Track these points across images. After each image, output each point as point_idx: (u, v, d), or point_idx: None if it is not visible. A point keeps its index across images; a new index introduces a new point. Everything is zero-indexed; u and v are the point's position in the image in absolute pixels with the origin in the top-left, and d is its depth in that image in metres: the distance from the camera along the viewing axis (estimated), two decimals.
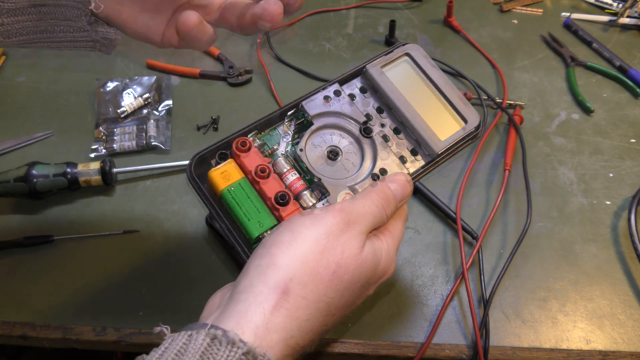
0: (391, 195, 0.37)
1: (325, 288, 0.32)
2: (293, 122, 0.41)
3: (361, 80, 0.43)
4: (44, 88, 0.72)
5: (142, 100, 0.70)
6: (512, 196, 0.62)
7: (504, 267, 0.56)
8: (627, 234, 0.59)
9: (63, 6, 0.39)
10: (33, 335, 0.52)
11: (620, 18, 0.82)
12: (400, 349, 0.51)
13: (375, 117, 0.41)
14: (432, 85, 0.43)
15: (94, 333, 0.52)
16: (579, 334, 0.52)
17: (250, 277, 0.31)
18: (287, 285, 0.31)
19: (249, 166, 0.37)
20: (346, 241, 0.33)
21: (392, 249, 0.37)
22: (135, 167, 0.63)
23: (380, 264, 0.35)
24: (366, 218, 0.35)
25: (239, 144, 0.37)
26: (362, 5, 0.85)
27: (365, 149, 0.40)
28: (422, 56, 0.44)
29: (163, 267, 0.56)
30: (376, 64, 0.43)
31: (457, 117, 0.42)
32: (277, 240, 0.33)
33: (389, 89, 0.42)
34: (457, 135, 0.41)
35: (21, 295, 0.54)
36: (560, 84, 0.75)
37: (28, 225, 0.59)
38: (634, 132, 0.69)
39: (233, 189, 0.37)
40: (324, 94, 0.41)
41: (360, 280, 0.34)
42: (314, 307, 0.31)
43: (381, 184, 0.37)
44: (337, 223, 0.33)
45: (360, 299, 0.35)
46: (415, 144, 0.41)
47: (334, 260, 0.32)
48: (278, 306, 0.30)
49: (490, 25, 0.83)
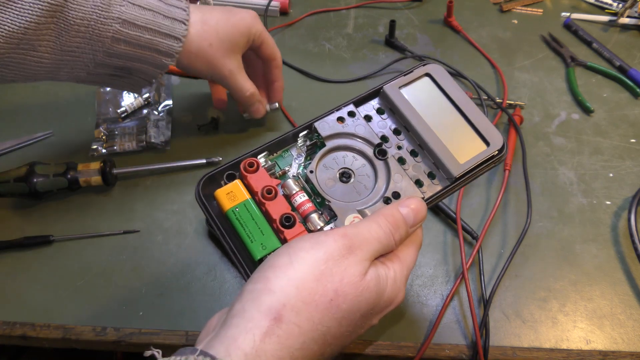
0: (401, 220, 0.35)
1: (321, 316, 0.30)
2: (305, 144, 0.41)
3: (379, 101, 0.42)
4: (44, 88, 0.72)
5: (142, 100, 0.70)
6: (512, 196, 0.62)
7: (504, 267, 0.56)
8: (627, 234, 0.59)
9: (144, 71, 0.52)
10: (33, 335, 0.52)
11: (620, 18, 0.82)
12: (400, 349, 0.51)
13: (392, 139, 0.40)
14: (453, 107, 0.41)
15: (94, 333, 0.52)
16: (579, 334, 0.52)
17: (243, 302, 0.30)
18: (280, 311, 0.29)
19: (256, 187, 0.37)
20: (347, 267, 0.31)
21: (400, 277, 0.35)
22: (135, 167, 0.63)
23: (385, 293, 0.33)
24: (371, 243, 0.33)
25: (246, 165, 0.37)
26: (362, 5, 0.85)
27: (378, 171, 0.39)
28: (443, 76, 0.42)
29: (163, 267, 0.56)
30: (394, 84, 0.41)
31: (479, 139, 0.40)
32: (274, 263, 0.32)
33: (407, 109, 0.40)
34: (477, 158, 0.39)
35: (21, 295, 0.54)
36: (560, 84, 0.75)
37: (28, 225, 0.59)
38: (634, 132, 0.69)
39: (238, 209, 0.37)
40: (338, 115, 0.40)
41: (361, 310, 0.32)
42: (308, 335, 0.30)
43: (391, 207, 0.35)
44: (338, 248, 0.32)
45: (362, 328, 0.34)
46: (433, 167, 0.39)
47: (331, 287, 0.31)
48: (269, 333, 0.29)
49: (490, 25, 0.83)
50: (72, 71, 0.49)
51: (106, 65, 0.49)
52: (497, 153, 0.39)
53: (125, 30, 0.47)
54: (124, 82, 0.53)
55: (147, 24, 0.48)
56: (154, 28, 0.49)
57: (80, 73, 0.49)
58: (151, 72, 0.52)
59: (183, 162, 0.64)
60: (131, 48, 0.48)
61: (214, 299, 0.54)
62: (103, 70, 0.50)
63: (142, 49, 0.49)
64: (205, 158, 0.64)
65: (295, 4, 0.86)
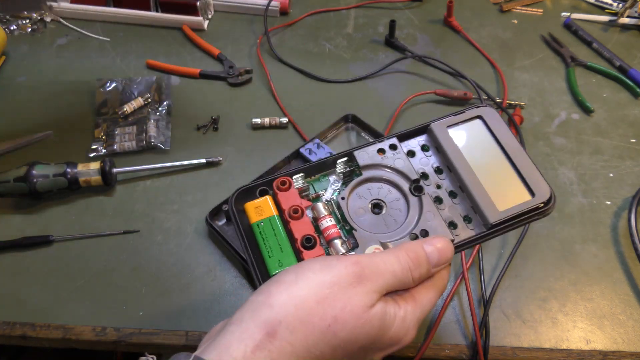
0: (423, 257, 0.33)
1: (316, 340, 0.30)
2: (344, 171, 0.41)
3: (425, 138, 0.41)
4: (44, 88, 0.72)
5: (142, 100, 0.70)
6: None
7: (504, 267, 0.56)
8: (627, 234, 0.59)
9: None
10: (33, 335, 0.52)
11: (620, 18, 0.82)
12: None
13: (432, 177, 0.39)
14: (502, 152, 0.40)
15: (94, 333, 0.52)
16: (579, 334, 0.52)
17: (243, 312, 0.30)
18: (275, 327, 0.29)
19: (284, 205, 0.37)
20: (352, 296, 0.30)
21: (411, 317, 0.33)
22: (135, 167, 0.63)
23: (391, 331, 0.32)
24: (384, 276, 0.32)
25: (279, 183, 0.38)
26: (362, 5, 0.85)
27: (411, 207, 0.38)
28: (495, 120, 0.41)
29: (163, 267, 0.56)
30: (443, 123, 0.40)
31: (524, 188, 0.38)
32: (280, 279, 0.31)
33: (451, 149, 0.39)
34: (519, 207, 0.37)
35: (21, 295, 0.54)
36: (560, 84, 0.75)
37: (28, 225, 0.59)
38: (634, 132, 0.69)
39: (262, 224, 0.37)
40: (379, 147, 0.40)
41: (359, 342, 0.31)
42: (300, 356, 0.29)
43: (415, 243, 0.34)
44: (347, 275, 0.31)
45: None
46: (471, 211, 0.38)
47: (331, 312, 0.30)
48: (261, 346, 0.29)
49: (490, 25, 0.83)
50: None
51: None
52: (543, 205, 0.37)
53: None
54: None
55: None
56: None
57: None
58: None
59: (183, 162, 0.64)
60: None
61: (213, 299, 0.54)
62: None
63: None
64: (205, 158, 0.64)
65: (295, 4, 0.85)
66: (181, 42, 0.79)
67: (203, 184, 0.63)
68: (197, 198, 0.62)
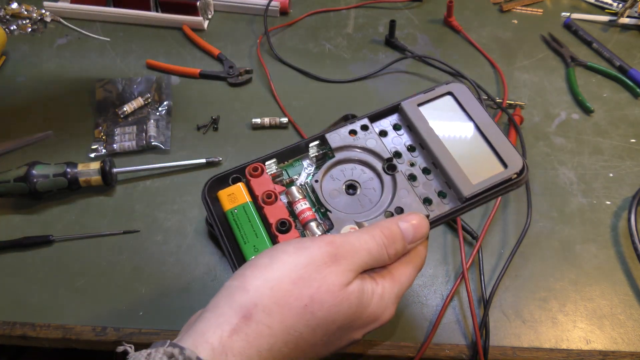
0: (398, 234, 0.34)
1: (294, 321, 0.30)
2: (316, 154, 0.41)
3: (397, 117, 0.41)
4: (44, 88, 0.72)
5: (142, 100, 0.70)
6: (512, 196, 0.62)
7: (504, 267, 0.56)
8: (627, 234, 0.59)
9: None
10: (33, 335, 0.52)
11: (620, 18, 0.82)
12: (400, 349, 0.51)
13: (406, 155, 0.39)
14: (474, 127, 0.40)
15: (94, 333, 0.52)
16: (579, 334, 0.52)
17: (218, 298, 0.31)
18: (250, 310, 0.29)
19: (257, 191, 0.37)
20: (327, 275, 0.30)
21: (390, 294, 0.33)
22: (135, 167, 0.63)
23: (369, 308, 0.32)
24: (359, 254, 0.32)
25: (251, 169, 0.38)
26: (362, 5, 0.85)
27: (385, 186, 0.38)
28: (466, 96, 0.41)
29: (163, 267, 0.56)
30: (413, 101, 0.41)
31: (496, 160, 0.38)
32: (255, 263, 0.31)
33: (422, 126, 0.39)
34: (492, 179, 0.37)
35: (21, 295, 0.54)
36: (560, 84, 0.75)
37: (28, 225, 0.59)
38: (634, 132, 0.69)
39: (236, 211, 0.37)
40: (351, 128, 0.40)
41: (337, 321, 0.31)
42: (279, 338, 0.29)
43: (389, 220, 0.34)
44: (322, 254, 0.31)
45: (340, 340, 0.32)
46: (445, 187, 0.38)
47: (307, 292, 0.30)
48: (237, 330, 0.28)
49: (490, 25, 0.83)
50: None
51: None
52: (516, 176, 0.38)
53: None
54: None
55: None
56: None
57: None
58: None
59: (183, 162, 0.64)
60: None
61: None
62: None
63: None
64: (205, 158, 0.64)
65: (295, 4, 0.85)
66: (181, 42, 0.79)
67: (203, 184, 0.63)
68: (197, 198, 0.62)
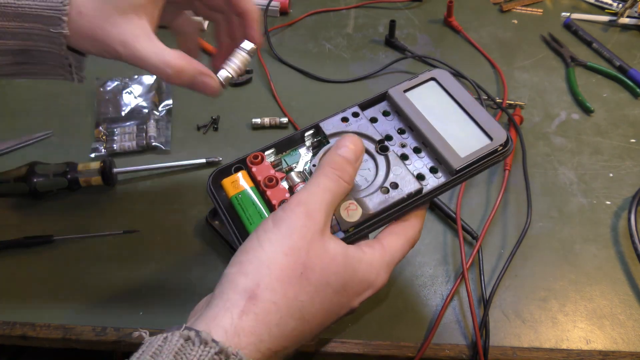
0: (342, 160, 0.35)
1: (295, 291, 0.31)
2: (312, 143, 0.43)
3: (386, 104, 0.44)
4: (44, 88, 0.72)
5: (142, 100, 0.70)
6: (512, 196, 0.62)
7: (504, 267, 0.56)
8: (627, 234, 0.59)
9: (44, 51, 0.39)
10: (33, 335, 0.52)
11: (620, 18, 0.82)
12: (400, 349, 0.51)
13: (396, 138, 0.41)
14: (457, 106, 0.42)
15: (94, 333, 0.52)
16: (579, 334, 0.52)
17: (222, 286, 0.32)
18: (254, 291, 0.31)
19: (259, 176, 0.39)
20: (312, 239, 0.32)
21: (379, 261, 0.35)
22: (135, 167, 0.63)
23: (359, 273, 0.34)
24: (324, 197, 0.34)
25: (252, 157, 0.40)
26: (362, 5, 0.85)
27: (379, 165, 0.40)
28: (448, 80, 0.44)
29: (163, 267, 0.56)
30: (399, 87, 0.43)
31: (482, 134, 0.41)
32: (245, 247, 0.33)
33: (410, 110, 0.42)
34: (479, 152, 0.40)
35: (21, 295, 0.54)
36: (560, 84, 0.75)
37: (28, 225, 0.59)
38: (634, 132, 0.69)
39: (240, 196, 0.39)
40: (342, 116, 0.42)
41: (331, 284, 0.32)
42: (284, 311, 0.31)
43: (329, 154, 0.36)
44: (298, 218, 0.32)
45: (339, 307, 0.34)
46: (436, 163, 0.40)
47: (300, 261, 0.32)
48: (246, 311, 0.30)
49: (490, 25, 0.83)
50: None
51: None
52: (501, 148, 0.40)
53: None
54: (36, 70, 0.41)
55: None
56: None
57: None
58: (52, 52, 0.39)
59: (183, 162, 0.64)
60: (8, 21, 0.37)
61: None
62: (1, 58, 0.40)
63: (21, 19, 0.37)
64: (205, 158, 0.64)
65: (295, 4, 0.85)
66: None
67: (203, 184, 0.63)
68: (197, 198, 0.62)
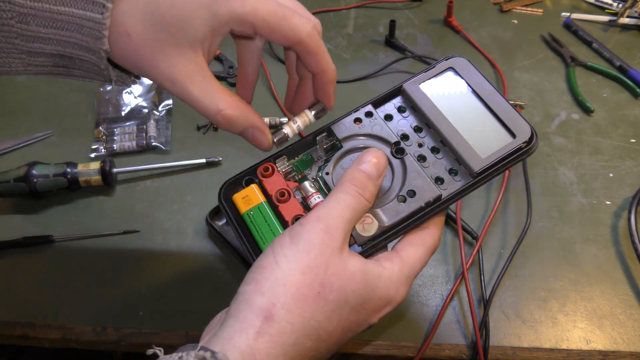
0: (364, 177, 0.34)
1: (312, 311, 0.30)
2: (324, 146, 0.41)
3: (400, 100, 0.41)
4: (44, 88, 0.72)
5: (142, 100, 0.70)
6: (512, 196, 0.62)
7: (504, 267, 0.56)
8: (627, 234, 0.59)
9: (85, 60, 0.36)
10: (33, 335, 0.52)
11: (620, 18, 0.82)
12: (400, 349, 0.51)
13: (413, 137, 0.39)
14: (478, 100, 0.39)
15: (94, 333, 0.52)
16: (579, 334, 0.52)
17: (238, 304, 0.31)
18: (270, 311, 0.30)
19: (270, 190, 0.38)
20: (330, 257, 0.31)
21: (398, 275, 0.34)
22: (135, 167, 0.63)
23: (378, 290, 0.33)
24: (344, 214, 0.33)
25: (262, 170, 0.39)
26: (362, 5, 0.85)
27: (395, 170, 0.38)
28: (467, 69, 0.40)
29: (163, 267, 0.56)
30: (415, 81, 0.40)
31: (504, 131, 0.38)
32: (261, 264, 0.32)
33: (427, 106, 0.39)
34: (502, 151, 0.37)
35: (21, 295, 0.54)
36: (560, 84, 0.75)
37: (28, 225, 0.59)
38: (634, 132, 0.69)
39: (252, 213, 0.38)
40: (355, 117, 0.40)
41: (349, 302, 0.32)
42: (300, 331, 0.30)
43: (351, 170, 0.35)
44: (316, 234, 0.31)
45: (356, 325, 0.33)
46: (455, 164, 0.38)
47: (317, 279, 0.31)
48: (262, 332, 0.29)
49: (490, 25, 0.83)
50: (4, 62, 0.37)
51: (38, 54, 0.36)
52: (525, 145, 0.37)
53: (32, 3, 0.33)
54: (77, 73, 0.39)
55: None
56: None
57: (15, 64, 0.37)
58: (92, 62, 0.36)
59: (183, 162, 0.64)
60: (43, 27, 0.34)
61: (213, 299, 0.54)
62: (41, 59, 0.37)
63: (57, 27, 0.34)
64: (205, 158, 0.64)
65: None
66: None
67: (203, 184, 0.63)
68: (197, 198, 0.62)
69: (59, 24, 0.34)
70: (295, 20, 0.33)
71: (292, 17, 0.33)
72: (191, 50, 0.34)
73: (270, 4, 0.33)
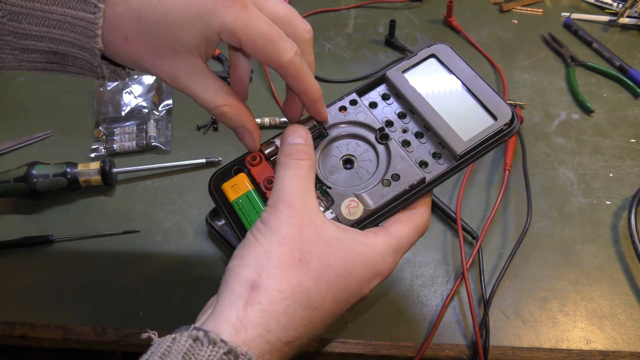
0: (290, 146, 0.37)
1: (298, 277, 0.31)
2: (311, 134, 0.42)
3: (385, 87, 0.42)
4: (44, 88, 0.72)
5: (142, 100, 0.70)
6: (512, 196, 0.62)
7: (504, 267, 0.56)
8: (627, 234, 0.59)
9: (78, 57, 0.38)
10: (33, 335, 0.52)
11: (620, 18, 0.82)
12: (400, 349, 0.51)
13: (397, 123, 0.40)
14: (460, 84, 0.41)
15: (94, 333, 0.52)
16: (579, 334, 0.52)
17: (226, 279, 0.32)
18: (257, 280, 0.31)
19: (258, 178, 0.39)
20: (302, 226, 0.33)
21: (383, 245, 0.35)
22: (135, 167, 0.63)
23: (361, 256, 0.34)
24: (293, 185, 0.34)
25: (250, 159, 0.39)
26: (362, 5, 0.85)
27: (380, 155, 0.39)
28: (449, 55, 0.42)
29: (163, 267, 0.56)
30: (397, 68, 0.41)
31: (486, 114, 0.39)
32: (244, 244, 0.33)
33: (410, 92, 0.40)
34: (482, 134, 0.38)
35: (21, 295, 0.54)
36: (560, 84, 0.75)
37: (28, 225, 0.59)
38: (634, 132, 0.69)
39: (241, 200, 0.39)
40: (340, 105, 0.41)
41: (333, 267, 0.33)
42: (290, 299, 0.31)
43: (279, 151, 0.37)
44: (280, 212, 0.33)
45: (347, 294, 0.33)
46: (439, 147, 0.39)
47: (296, 248, 0.32)
48: (251, 301, 0.30)
49: (490, 25, 0.83)
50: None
51: (31, 51, 0.37)
52: (506, 127, 0.38)
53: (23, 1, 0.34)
54: (71, 69, 0.40)
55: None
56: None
57: (8, 60, 0.38)
58: (86, 59, 0.38)
59: (183, 162, 0.64)
60: (36, 25, 0.35)
61: None
62: (33, 55, 0.38)
63: (50, 25, 0.36)
64: (205, 158, 0.64)
65: (295, 4, 0.85)
66: None
67: (203, 184, 0.63)
68: (197, 198, 0.62)
69: (51, 23, 0.35)
70: (280, 45, 0.35)
71: (277, 42, 0.35)
72: (189, 54, 0.36)
73: (262, 24, 0.34)
